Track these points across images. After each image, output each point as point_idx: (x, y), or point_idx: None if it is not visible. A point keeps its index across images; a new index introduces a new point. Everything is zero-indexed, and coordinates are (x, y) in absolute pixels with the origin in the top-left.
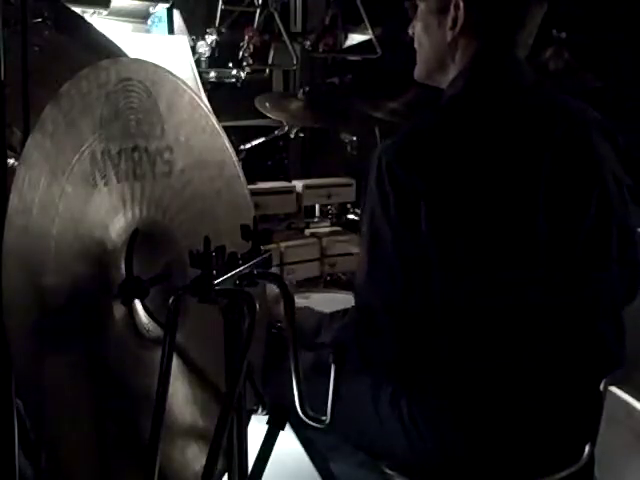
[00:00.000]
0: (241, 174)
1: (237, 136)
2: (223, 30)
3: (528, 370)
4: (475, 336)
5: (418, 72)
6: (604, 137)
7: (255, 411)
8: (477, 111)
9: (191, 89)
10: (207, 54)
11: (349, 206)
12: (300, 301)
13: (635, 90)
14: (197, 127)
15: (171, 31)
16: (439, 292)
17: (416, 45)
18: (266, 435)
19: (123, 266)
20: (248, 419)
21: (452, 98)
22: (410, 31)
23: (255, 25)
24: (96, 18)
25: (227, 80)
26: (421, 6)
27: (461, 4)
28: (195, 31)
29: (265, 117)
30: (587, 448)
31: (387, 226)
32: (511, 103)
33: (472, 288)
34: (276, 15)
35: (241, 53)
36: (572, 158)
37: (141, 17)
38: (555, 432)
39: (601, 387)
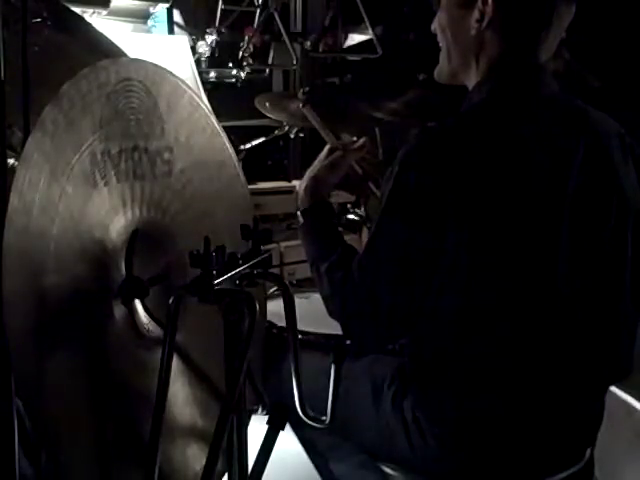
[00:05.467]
0: (241, 174)
1: (237, 136)
2: (223, 30)
3: (536, 375)
4: (486, 339)
5: (439, 71)
6: (622, 147)
7: (255, 411)
8: (503, 119)
9: (191, 89)
10: (207, 54)
11: (349, 206)
12: (300, 301)
13: (635, 91)
14: (197, 127)
15: (171, 31)
16: (456, 294)
17: (439, 39)
18: (266, 435)
19: (123, 266)
20: (248, 419)
21: (477, 105)
22: (433, 27)
23: (255, 25)
24: (96, 18)
25: (227, 80)
26: (444, 2)
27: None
28: (195, 32)
29: (265, 117)
30: (588, 449)
31: (399, 225)
32: (536, 114)
33: (492, 293)
34: (276, 15)
35: (241, 53)
36: (594, 170)
37: (141, 17)
38: (559, 436)
39: None
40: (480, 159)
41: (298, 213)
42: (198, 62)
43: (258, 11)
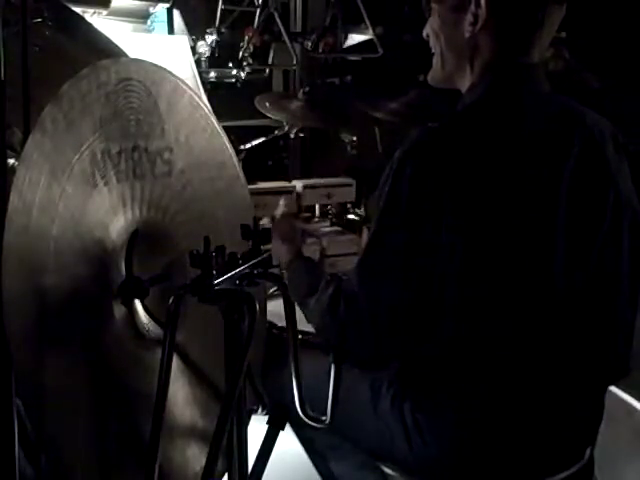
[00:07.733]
0: (241, 174)
1: (237, 136)
2: (223, 30)
3: (535, 375)
4: (484, 339)
5: (433, 75)
6: (616, 147)
7: (255, 411)
8: (497, 118)
9: (191, 89)
10: (207, 54)
11: (349, 206)
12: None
13: (635, 91)
14: (197, 127)
15: (171, 31)
16: (453, 295)
17: (432, 44)
18: (266, 435)
19: (123, 266)
20: (248, 419)
21: (472, 104)
22: (425, 32)
23: (255, 25)
24: (96, 18)
25: (227, 80)
26: (436, 7)
27: (482, 1)
28: (195, 32)
29: (265, 117)
30: (588, 449)
31: (398, 224)
32: (531, 113)
33: (489, 293)
34: (276, 15)
35: (241, 53)
36: (589, 168)
37: (141, 17)
38: (559, 435)
39: None
40: (475, 156)
41: (283, 271)
42: (198, 62)
43: (258, 11)
